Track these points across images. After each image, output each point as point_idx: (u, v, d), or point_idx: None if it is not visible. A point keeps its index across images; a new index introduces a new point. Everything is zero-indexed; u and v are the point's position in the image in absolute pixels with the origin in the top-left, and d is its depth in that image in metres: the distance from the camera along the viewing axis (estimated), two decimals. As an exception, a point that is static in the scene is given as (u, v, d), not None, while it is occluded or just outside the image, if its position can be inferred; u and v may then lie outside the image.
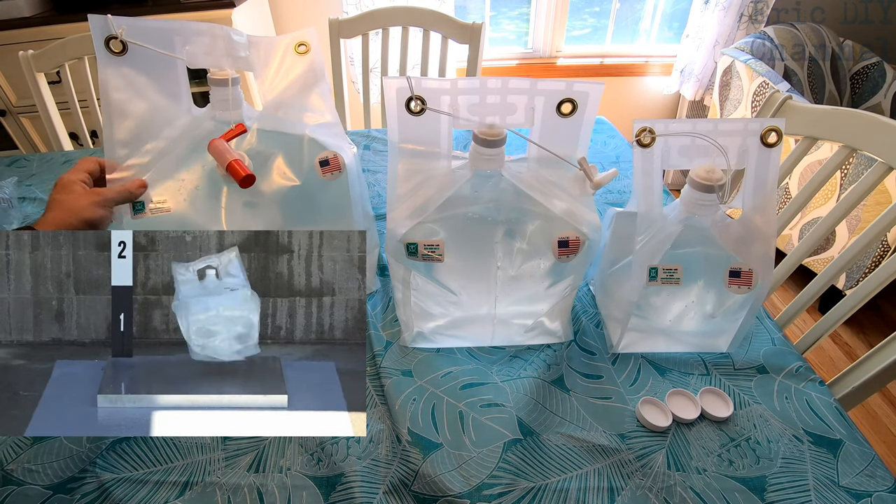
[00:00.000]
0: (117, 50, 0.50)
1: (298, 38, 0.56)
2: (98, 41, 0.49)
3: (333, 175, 0.57)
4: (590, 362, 0.59)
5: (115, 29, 0.49)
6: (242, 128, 0.54)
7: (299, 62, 0.57)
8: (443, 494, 0.47)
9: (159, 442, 0.51)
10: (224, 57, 0.54)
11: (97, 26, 0.49)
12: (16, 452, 0.50)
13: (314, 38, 0.57)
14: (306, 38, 0.56)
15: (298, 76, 0.57)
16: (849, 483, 0.47)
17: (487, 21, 2.01)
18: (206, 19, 1.51)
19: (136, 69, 0.52)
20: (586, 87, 0.48)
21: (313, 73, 0.57)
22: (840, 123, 0.70)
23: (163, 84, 0.54)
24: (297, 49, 0.56)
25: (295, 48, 0.56)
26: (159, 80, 0.53)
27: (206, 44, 0.53)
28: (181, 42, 0.52)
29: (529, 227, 0.52)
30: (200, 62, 0.54)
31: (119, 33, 0.49)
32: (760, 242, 0.51)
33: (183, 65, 0.53)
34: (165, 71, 0.53)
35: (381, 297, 0.69)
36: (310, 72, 0.57)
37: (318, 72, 0.57)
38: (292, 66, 0.57)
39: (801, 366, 0.58)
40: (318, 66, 0.57)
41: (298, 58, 0.56)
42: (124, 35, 0.49)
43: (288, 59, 0.56)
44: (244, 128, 0.54)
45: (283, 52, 0.56)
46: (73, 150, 1.11)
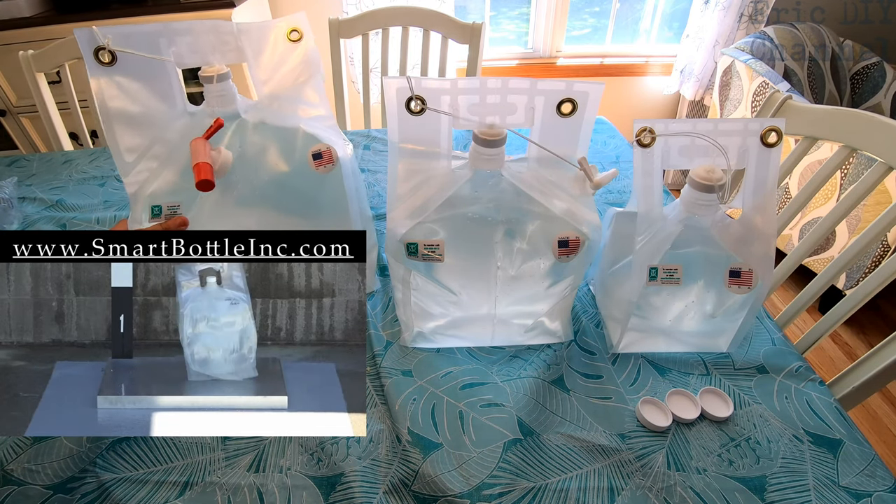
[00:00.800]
0: (106, 60, 0.50)
1: (290, 24, 0.55)
2: (87, 53, 0.49)
3: (327, 168, 0.56)
4: (590, 362, 0.59)
5: (102, 39, 0.49)
6: (220, 122, 0.54)
7: (293, 51, 0.56)
8: (443, 494, 0.47)
9: (159, 442, 0.51)
10: (212, 53, 0.54)
11: (84, 38, 0.49)
12: (16, 452, 0.50)
13: (305, 24, 0.56)
14: (298, 24, 0.56)
15: (293, 68, 0.57)
16: (849, 483, 0.47)
17: (487, 21, 2.01)
18: (205, 19, 1.51)
19: (128, 76, 0.52)
20: (586, 87, 0.47)
21: (308, 64, 0.57)
22: (840, 123, 0.70)
23: (156, 87, 0.54)
24: (290, 36, 0.55)
25: (287, 35, 0.56)
26: (152, 84, 0.54)
27: (190, 43, 0.53)
28: (167, 44, 0.52)
29: (529, 227, 0.52)
30: (188, 61, 0.54)
31: (106, 43, 0.49)
32: (760, 242, 0.51)
33: (173, 66, 0.53)
34: (157, 74, 0.53)
35: (381, 297, 0.69)
36: (304, 63, 0.57)
37: (314, 64, 0.57)
38: (286, 54, 0.56)
39: (801, 366, 0.58)
40: (314, 59, 0.57)
41: (292, 46, 0.56)
42: (111, 44, 0.49)
43: (281, 47, 0.56)
44: (221, 122, 0.54)
45: (275, 39, 0.56)
46: (73, 150, 1.11)
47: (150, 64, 0.52)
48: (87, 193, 0.94)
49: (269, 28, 0.55)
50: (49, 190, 0.95)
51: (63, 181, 0.98)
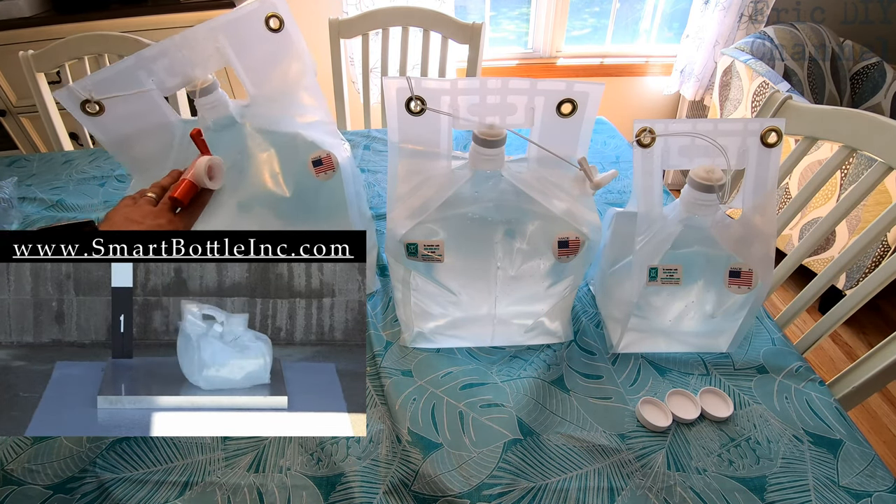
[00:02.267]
0: (95, 111, 0.51)
1: (266, 9, 0.52)
2: (74, 110, 0.50)
3: (327, 174, 0.56)
4: (590, 362, 0.59)
5: (82, 94, 0.49)
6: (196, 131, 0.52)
7: (279, 45, 0.54)
8: (443, 494, 0.47)
9: (159, 442, 0.51)
10: (192, 68, 0.52)
11: (66, 97, 0.50)
12: (16, 452, 0.50)
13: (284, 7, 0.53)
14: (275, 8, 0.53)
15: (282, 64, 0.55)
16: (849, 483, 0.47)
17: (487, 21, 2.01)
18: (205, 20, 1.51)
19: (120, 117, 0.53)
20: (586, 88, 0.47)
21: (297, 58, 0.55)
22: (840, 123, 0.70)
23: (150, 118, 0.54)
24: (269, 24, 0.53)
25: (266, 23, 0.53)
26: (145, 116, 0.54)
27: (166, 66, 0.52)
28: (146, 75, 0.52)
29: (529, 227, 0.52)
30: (171, 86, 0.53)
31: (90, 96, 0.49)
32: (760, 242, 0.51)
33: (158, 94, 0.53)
34: (147, 106, 0.53)
35: (381, 297, 0.69)
36: (294, 58, 0.55)
37: (304, 58, 0.56)
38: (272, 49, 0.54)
39: (801, 366, 0.58)
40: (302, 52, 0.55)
41: (276, 39, 0.54)
42: (95, 95, 0.50)
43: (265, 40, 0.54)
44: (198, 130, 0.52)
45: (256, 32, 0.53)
46: (73, 150, 1.11)
47: (136, 99, 0.52)
48: (87, 193, 0.94)
49: (245, 17, 0.52)
50: (49, 190, 0.95)
51: (63, 181, 0.98)
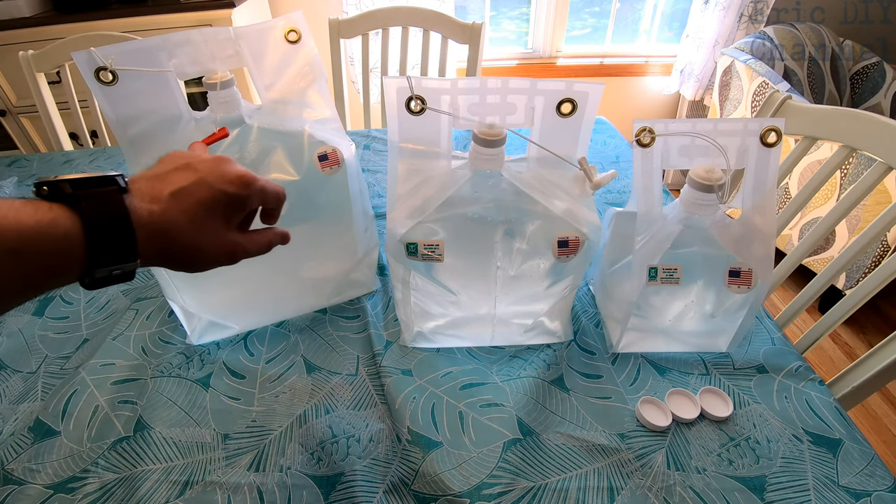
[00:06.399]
0: (107, 80, 0.50)
1: (288, 24, 0.56)
2: (87, 74, 0.49)
3: (332, 169, 0.57)
4: (590, 362, 0.59)
5: (101, 60, 0.49)
6: (224, 132, 0.53)
7: (294, 54, 0.57)
8: (443, 494, 0.47)
9: (159, 441, 0.51)
10: (211, 61, 0.54)
11: (83, 60, 0.49)
12: (16, 452, 0.50)
13: (303, 23, 0.56)
14: (295, 24, 0.56)
15: (296, 72, 0.57)
16: (848, 483, 0.47)
17: (487, 21, 2.01)
18: (205, 19, 1.51)
19: (130, 93, 0.52)
20: (586, 88, 0.48)
21: (310, 67, 0.57)
22: (840, 123, 0.70)
23: (160, 100, 0.54)
24: (288, 37, 0.56)
25: (285, 36, 0.56)
26: (156, 97, 0.54)
27: (189, 53, 0.53)
28: (167, 57, 0.52)
29: (529, 227, 0.52)
30: (189, 72, 0.54)
31: (108, 64, 0.49)
32: (760, 242, 0.51)
33: (174, 77, 0.53)
34: (159, 87, 0.53)
35: (381, 297, 0.69)
36: (306, 66, 0.57)
37: (316, 67, 0.57)
38: (287, 58, 0.56)
39: (800, 365, 0.58)
40: (315, 62, 0.57)
41: (292, 49, 0.56)
42: (114, 65, 0.49)
43: (281, 50, 0.56)
44: (226, 132, 0.53)
45: (274, 42, 0.56)
46: (73, 150, 1.11)
47: (151, 78, 0.52)
48: (88, 193, 0.93)
49: (267, 30, 0.56)
50: (49, 190, 0.95)
51: (63, 181, 0.97)
